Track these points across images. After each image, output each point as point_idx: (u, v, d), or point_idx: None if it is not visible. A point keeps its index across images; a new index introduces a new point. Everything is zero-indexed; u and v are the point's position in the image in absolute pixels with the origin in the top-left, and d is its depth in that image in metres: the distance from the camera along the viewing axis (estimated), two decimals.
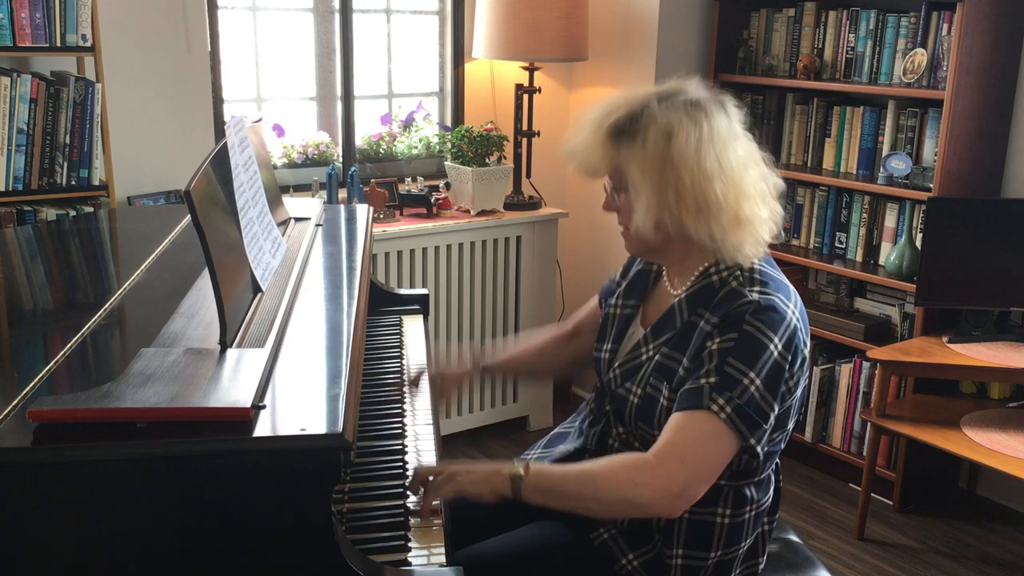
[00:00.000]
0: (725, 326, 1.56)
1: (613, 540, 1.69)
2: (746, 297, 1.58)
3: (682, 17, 3.71)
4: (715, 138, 1.58)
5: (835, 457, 3.55)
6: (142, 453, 1.26)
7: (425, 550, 1.49)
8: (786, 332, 1.56)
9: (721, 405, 1.52)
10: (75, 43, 2.74)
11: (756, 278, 1.61)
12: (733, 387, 1.52)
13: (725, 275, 1.64)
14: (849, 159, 3.51)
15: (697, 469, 1.54)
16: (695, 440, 1.53)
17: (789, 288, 1.65)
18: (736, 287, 1.60)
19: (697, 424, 1.53)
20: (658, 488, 1.52)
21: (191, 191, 1.44)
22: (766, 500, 1.71)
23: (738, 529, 1.67)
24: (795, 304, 1.62)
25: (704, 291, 1.65)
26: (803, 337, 1.61)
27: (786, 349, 1.56)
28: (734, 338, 1.55)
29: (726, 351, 1.54)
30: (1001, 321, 3.21)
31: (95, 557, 1.27)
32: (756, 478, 1.67)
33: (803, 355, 1.61)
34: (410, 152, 3.79)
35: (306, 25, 3.59)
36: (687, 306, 1.66)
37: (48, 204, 2.80)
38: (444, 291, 3.54)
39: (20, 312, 1.90)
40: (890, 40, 3.31)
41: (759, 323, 1.55)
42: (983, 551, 3.14)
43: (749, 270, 1.63)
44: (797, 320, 1.60)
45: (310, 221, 2.29)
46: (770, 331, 1.55)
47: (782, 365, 1.56)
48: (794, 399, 1.63)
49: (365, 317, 1.84)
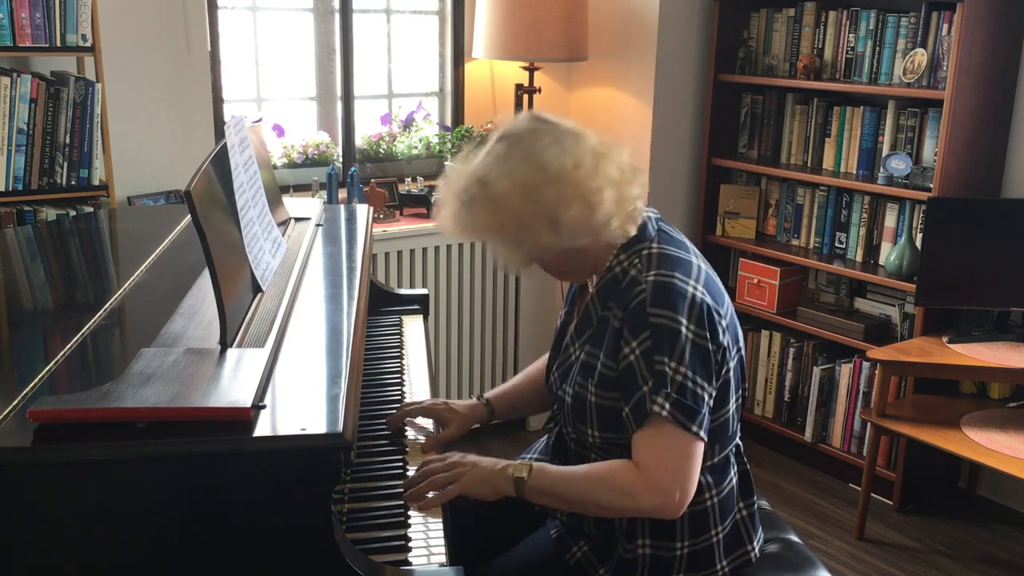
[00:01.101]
0: (633, 325, 1.58)
1: (585, 557, 1.71)
2: (641, 284, 1.59)
3: (682, 17, 3.71)
4: (526, 154, 1.59)
5: (835, 457, 3.55)
6: (142, 453, 1.26)
7: (425, 549, 1.49)
8: (692, 309, 1.57)
9: (661, 403, 1.54)
10: (75, 43, 2.74)
11: (653, 261, 1.62)
12: (664, 382, 1.54)
13: (626, 264, 1.66)
14: (849, 159, 3.51)
15: (680, 470, 1.56)
16: (664, 447, 1.55)
17: (690, 261, 1.64)
18: (634, 275, 1.62)
19: (657, 431, 1.55)
20: (655, 497, 1.55)
21: (191, 191, 1.44)
22: (727, 484, 1.71)
23: (701, 517, 1.67)
24: (696, 276, 1.62)
25: (610, 284, 1.67)
26: (714, 307, 1.60)
27: (699, 326, 1.56)
28: (647, 336, 1.56)
29: (648, 351, 1.55)
30: (1001, 321, 3.21)
31: (95, 557, 1.27)
32: (709, 463, 1.67)
33: (721, 325, 1.61)
34: (410, 152, 3.79)
35: (306, 25, 3.58)
36: (599, 302, 1.69)
37: (48, 204, 2.80)
38: (444, 291, 3.54)
39: (20, 312, 1.90)
40: (890, 40, 3.31)
41: (662, 310, 1.56)
42: (983, 551, 3.14)
43: (647, 255, 1.64)
44: (701, 292, 1.59)
45: (310, 221, 2.29)
46: (676, 314, 1.55)
47: (701, 344, 1.56)
48: (729, 371, 1.63)
49: (365, 317, 1.84)
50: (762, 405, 3.78)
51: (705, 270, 1.66)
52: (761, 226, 3.81)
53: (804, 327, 3.57)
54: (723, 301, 1.65)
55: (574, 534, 1.74)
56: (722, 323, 1.61)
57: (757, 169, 3.73)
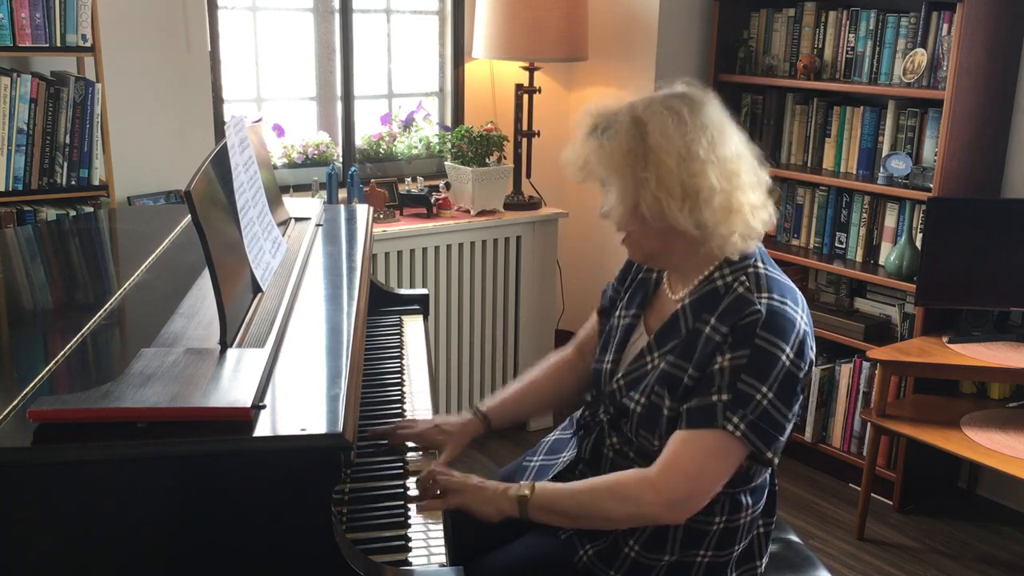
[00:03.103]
0: (736, 340, 1.54)
1: (591, 561, 1.68)
2: (755, 305, 1.55)
3: (682, 17, 3.71)
4: (704, 125, 1.56)
5: (835, 457, 3.55)
6: (142, 453, 1.26)
7: (425, 549, 1.49)
8: (796, 339, 1.55)
9: (736, 423, 1.51)
10: (75, 43, 2.74)
11: (763, 283, 1.59)
12: (746, 404, 1.51)
13: (730, 279, 1.61)
14: (849, 159, 3.51)
15: (701, 482, 1.55)
16: (701, 455, 1.54)
17: (795, 291, 1.63)
18: (743, 292, 1.57)
19: (706, 440, 1.53)
20: (662, 503, 1.54)
21: (191, 191, 1.44)
22: (760, 505, 1.71)
23: (732, 533, 1.67)
24: (802, 307, 1.60)
25: (709, 296, 1.62)
26: (811, 341, 1.60)
27: (798, 357, 1.55)
28: (746, 354, 1.52)
29: (739, 368, 1.52)
30: (1001, 321, 3.21)
31: (95, 557, 1.27)
32: (752, 484, 1.66)
33: (811, 358, 1.61)
34: (410, 152, 3.79)
35: (306, 25, 3.59)
36: (691, 312, 1.63)
37: (48, 204, 2.80)
38: (444, 291, 3.54)
39: (20, 312, 1.90)
40: (890, 40, 3.31)
41: (770, 335, 1.53)
42: (983, 551, 3.14)
43: (755, 274, 1.60)
44: (806, 325, 1.58)
45: (310, 221, 2.29)
46: (782, 341, 1.53)
47: (795, 373, 1.54)
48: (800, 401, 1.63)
49: (365, 317, 1.84)
50: None
51: (802, 298, 1.64)
52: None
53: None
54: (812, 333, 1.63)
55: (584, 535, 1.70)
56: (812, 355, 1.60)
57: None
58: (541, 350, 3.75)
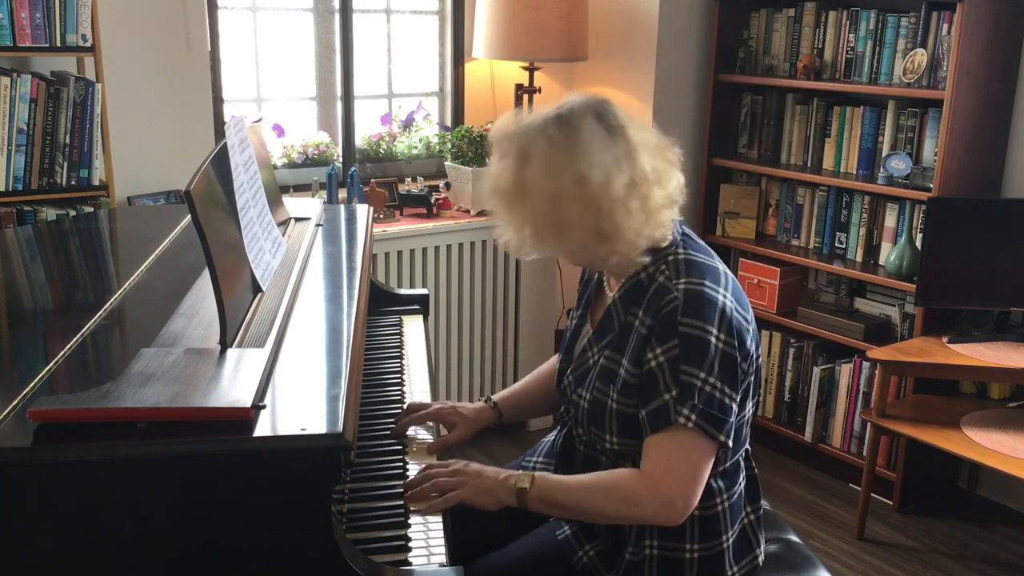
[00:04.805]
0: (662, 332, 1.56)
1: (591, 561, 1.71)
2: (671, 293, 1.57)
3: (682, 17, 3.71)
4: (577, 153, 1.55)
5: (835, 457, 3.55)
6: (142, 453, 1.26)
7: (425, 549, 1.49)
8: (723, 318, 1.56)
9: (687, 415, 1.53)
10: (75, 43, 2.74)
11: (681, 268, 1.60)
12: (691, 393, 1.53)
13: (652, 270, 1.63)
14: (849, 159, 3.51)
15: (688, 480, 1.56)
16: (677, 455, 1.56)
17: (717, 270, 1.63)
18: (663, 282, 1.60)
19: (674, 440, 1.55)
20: (659, 506, 1.56)
21: (191, 191, 1.44)
22: (736, 489, 1.71)
23: (712, 522, 1.67)
24: (725, 284, 1.61)
25: (635, 289, 1.65)
26: (741, 314, 1.60)
27: (728, 335, 1.56)
28: (676, 344, 1.55)
29: (675, 359, 1.54)
30: (1001, 321, 3.21)
31: (95, 557, 1.27)
32: (721, 468, 1.67)
33: (748, 332, 1.61)
34: (410, 152, 3.79)
35: (306, 25, 3.59)
36: (622, 306, 1.67)
37: (48, 204, 2.80)
38: (444, 291, 3.54)
39: (20, 312, 1.90)
40: (890, 40, 3.31)
41: (693, 319, 1.54)
42: (983, 551, 3.14)
43: (674, 260, 1.62)
44: (730, 300, 1.59)
45: (310, 221, 2.29)
46: (706, 324, 1.54)
47: (730, 353, 1.56)
48: (750, 379, 1.63)
49: (365, 317, 1.84)
50: (762, 405, 3.78)
51: (731, 275, 1.65)
52: (761, 226, 3.81)
53: (804, 327, 3.57)
54: (747, 307, 1.65)
55: (583, 536, 1.73)
56: (748, 328, 1.61)
57: (757, 169, 3.73)
58: (541, 350, 3.75)
